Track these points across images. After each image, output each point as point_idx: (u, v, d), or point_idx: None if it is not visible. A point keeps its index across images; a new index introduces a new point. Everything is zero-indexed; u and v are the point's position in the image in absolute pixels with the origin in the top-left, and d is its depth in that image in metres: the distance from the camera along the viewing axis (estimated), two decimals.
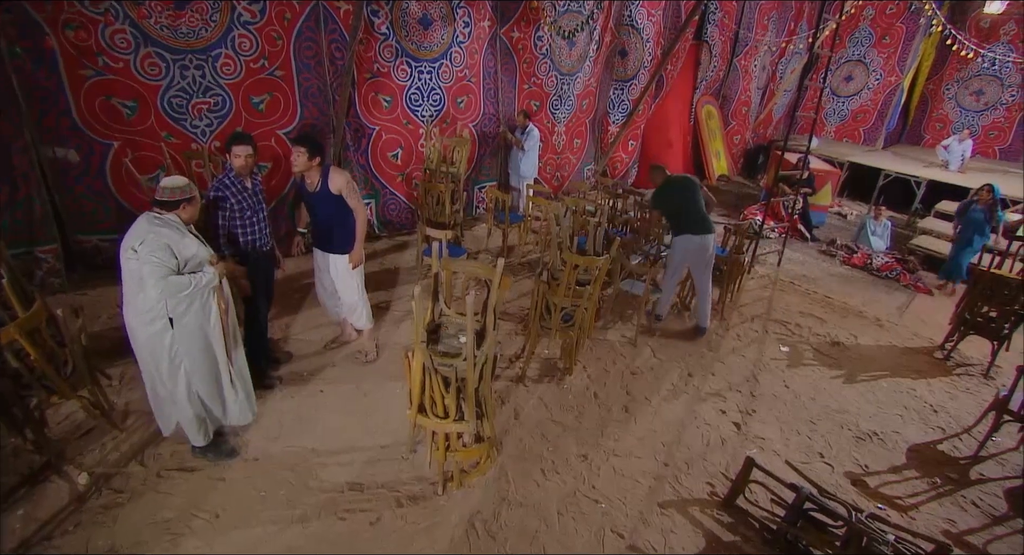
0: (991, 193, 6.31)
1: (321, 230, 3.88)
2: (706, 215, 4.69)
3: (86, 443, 3.25)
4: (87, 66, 4.23)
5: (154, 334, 2.74)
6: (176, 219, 2.72)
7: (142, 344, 2.79)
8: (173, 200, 2.69)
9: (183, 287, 2.70)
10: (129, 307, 2.73)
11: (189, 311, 2.80)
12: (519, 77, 7.13)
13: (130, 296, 2.70)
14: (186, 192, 2.72)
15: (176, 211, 2.72)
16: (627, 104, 8.64)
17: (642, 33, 8.13)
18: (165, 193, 2.68)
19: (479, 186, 7.31)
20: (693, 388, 4.34)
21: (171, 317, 2.74)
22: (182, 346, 2.83)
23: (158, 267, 2.59)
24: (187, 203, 2.74)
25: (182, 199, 2.72)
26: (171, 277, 2.65)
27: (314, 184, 3.69)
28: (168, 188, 2.69)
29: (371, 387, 3.90)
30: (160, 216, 2.69)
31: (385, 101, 5.87)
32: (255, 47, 4.84)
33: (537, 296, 3.96)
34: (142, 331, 2.74)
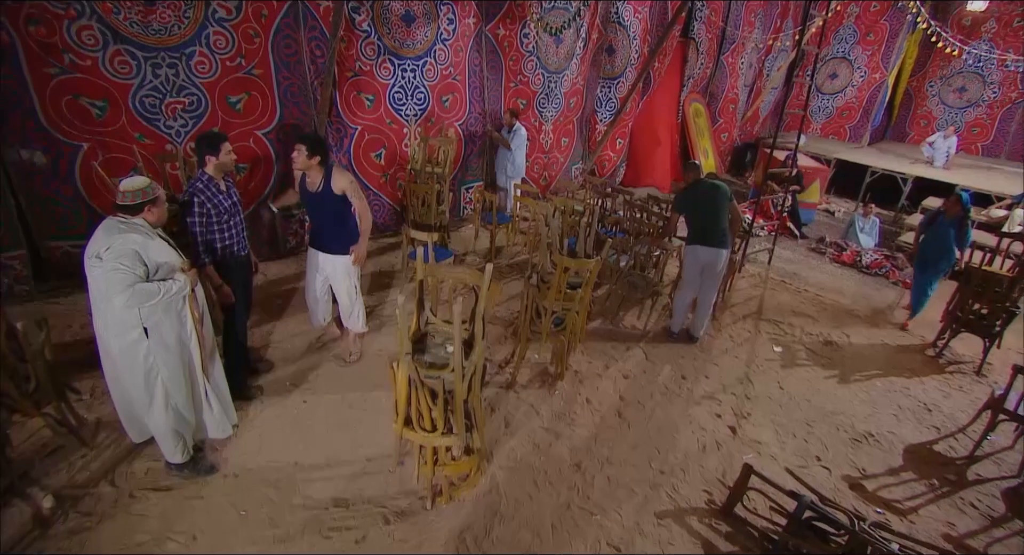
0: (959, 204, 5.05)
1: (320, 230, 3.76)
2: (724, 228, 4.48)
3: (53, 462, 3.07)
4: (52, 64, 4.03)
5: (128, 345, 2.59)
6: (143, 223, 2.56)
7: (115, 356, 2.63)
8: (135, 203, 2.53)
9: (152, 295, 2.54)
10: (99, 317, 2.58)
11: (165, 320, 2.65)
12: (505, 75, 7.00)
13: (98, 306, 2.54)
14: (148, 193, 2.55)
15: (141, 214, 2.55)
16: (615, 102, 8.56)
17: (629, 30, 8.05)
18: (127, 197, 2.52)
19: (466, 186, 7.17)
20: (687, 391, 4.25)
21: (145, 326, 2.59)
22: (159, 357, 2.68)
23: (124, 274, 2.43)
24: (151, 205, 2.57)
25: (145, 201, 2.55)
26: (139, 285, 2.49)
27: (316, 184, 3.58)
28: (129, 191, 2.52)
29: (356, 397, 3.76)
30: (125, 221, 2.53)
31: (368, 100, 5.72)
32: (231, 45, 4.66)
33: (527, 300, 3.84)
34: (115, 342, 2.59)
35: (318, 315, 4.13)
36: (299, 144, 3.48)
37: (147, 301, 2.54)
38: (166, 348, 2.68)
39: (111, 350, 2.61)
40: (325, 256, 3.81)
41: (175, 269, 2.63)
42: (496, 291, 2.39)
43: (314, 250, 3.86)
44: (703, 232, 4.47)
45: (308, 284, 4.02)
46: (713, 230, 4.46)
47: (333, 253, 3.79)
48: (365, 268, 5.57)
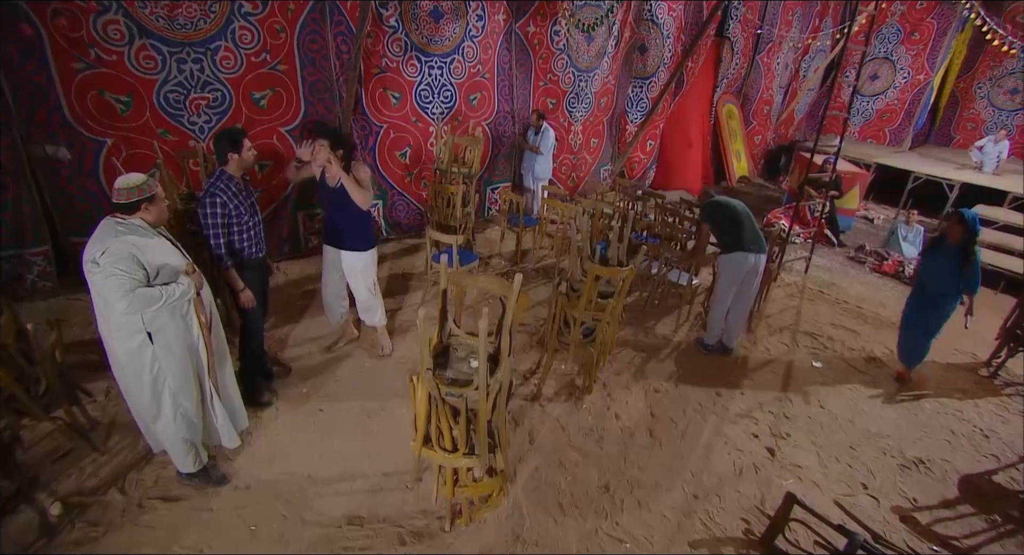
0: (961, 224, 3.90)
1: (337, 227, 3.64)
2: (761, 233, 4.30)
3: (63, 467, 2.97)
4: (78, 59, 3.96)
5: (133, 350, 2.45)
6: (141, 223, 2.41)
7: (122, 363, 2.50)
8: (130, 202, 2.36)
9: (153, 301, 2.39)
10: (102, 322, 2.45)
11: (170, 324, 2.50)
12: (535, 73, 6.79)
13: (101, 311, 2.41)
14: (144, 191, 2.38)
15: (138, 213, 2.39)
16: (646, 102, 8.29)
17: (662, 29, 7.77)
18: (121, 195, 2.35)
19: (492, 187, 6.98)
20: (721, 408, 3.99)
21: (149, 331, 2.45)
22: (164, 363, 2.54)
23: (122, 280, 2.28)
24: (148, 203, 2.41)
25: (141, 199, 2.38)
26: (139, 290, 2.35)
27: (335, 179, 3.46)
28: (124, 188, 2.35)
29: (375, 406, 3.60)
30: (123, 222, 2.37)
31: (394, 97, 5.57)
32: (256, 40, 4.55)
33: (555, 309, 3.64)
34: (120, 347, 2.46)
35: (335, 313, 4.01)
36: (321, 138, 3.35)
37: (148, 307, 2.40)
38: (172, 354, 2.54)
39: (118, 356, 2.48)
40: (342, 253, 3.70)
41: (179, 271, 2.49)
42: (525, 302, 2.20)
43: (330, 247, 3.74)
44: (750, 237, 4.20)
45: (325, 282, 3.91)
46: (757, 234, 4.24)
47: (351, 250, 3.67)
48: (388, 270, 5.44)
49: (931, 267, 4.20)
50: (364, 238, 3.68)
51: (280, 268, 5.42)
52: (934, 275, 4.16)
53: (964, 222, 3.90)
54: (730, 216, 4.25)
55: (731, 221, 4.22)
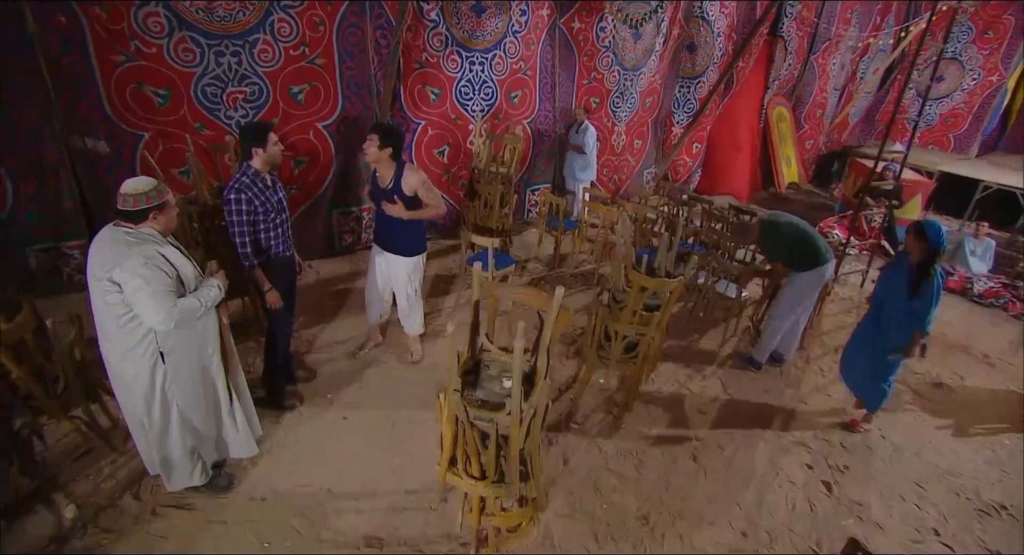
0: (922, 239, 3.12)
1: (386, 229, 3.48)
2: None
3: (82, 466, 2.87)
4: (119, 51, 3.89)
5: (142, 371, 2.27)
6: (151, 232, 2.19)
7: (126, 382, 2.32)
8: (137, 210, 2.12)
9: (195, 311, 2.25)
10: (106, 341, 2.26)
11: (185, 339, 2.33)
12: (578, 71, 6.51)
13: (110, 332, 2.21)
14: (153, 198, 2.15)
15: (146, 223, 2.16)
16: (693, 103, 7.90)
17: (713, 26, 7.37)
18: (128, 201, 2.11)
19: (532, 188, 6.74)
20: (772, 434, 3.65)
21: (162, 351, 2.27)
22: (176, 381, 2.36)
23: (159, 292, 2.09)
24: (157, 211, 2.17)
25: (150, 207, 2.14)
26: (180, 303, 2.17)
27: (386, 180, 3.31)
28: (131, 194, 2.11)
29: (401, 417, 3.40)
30: (131, 231, 2.14)
31: (433, 94, 5.38)
32: (295, 33, 4.42)
33: (595, 320, 3.37)
34: (128, 368, 2.27)
35: (375, 313, 3.85)
36: (371, 134, 3.20)
37: (192, 318, 2.25)
38: (185, 371, 2.37)
39: (125, 377, 2.30)
40: (388, 255, 3.54)
41: (193, 279, 2.31)
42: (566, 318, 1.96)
43: (377, 246, 3.59)
44: (820, 250, 3.83)
45: (368, 280, 3.76)
46: (824, 242, 3.89)
47: (396, 254, 3.52)
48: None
49: (885, 290, 3.41)
50: (412, 243, 3.52)
51: (312, 266, 5.30)
52: (887, 301, 3.39)
53: (925, 237, 3.09)
54: (799, 233, 3.84)
55: (801, 238, 3.81)
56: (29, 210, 4.00)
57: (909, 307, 3.22)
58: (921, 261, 3.15)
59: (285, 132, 4.73)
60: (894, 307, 3.33)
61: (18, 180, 3.92)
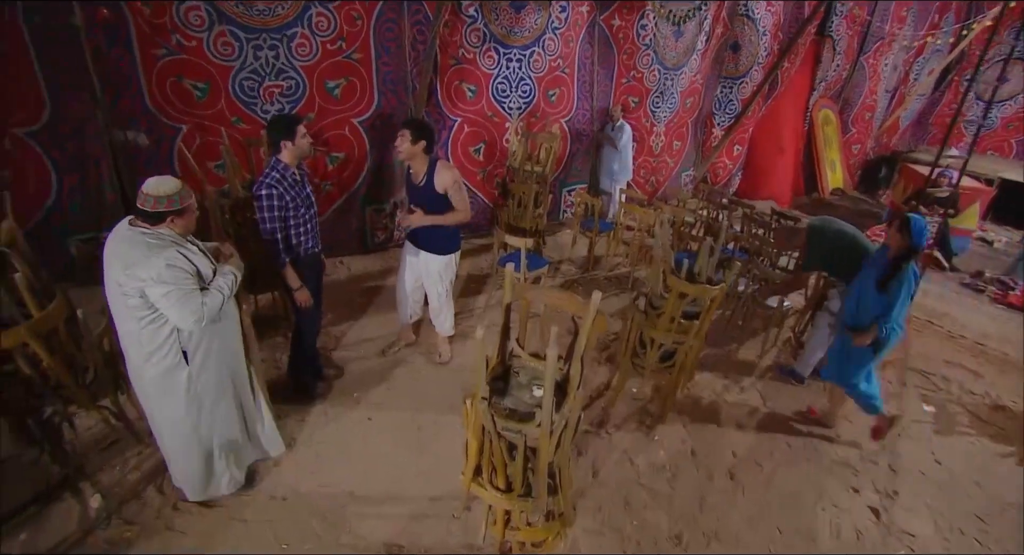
0: (904, 233, 2.94)
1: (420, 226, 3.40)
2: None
3: (108, 456, 2.87)
4: (160, 45, 3.91)
5: (164, 372, 2.22)
6: (169, 234, 2.10)
7: (147, 382, 2.26)
8: (156, 211, 2.03)
9: (220, 303, 2.20)
10: (130, 345, 2.20)
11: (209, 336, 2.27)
12: (617, 70, 6.33)
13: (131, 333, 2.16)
14: (175, 202, 2.05)
15: (163, 225, 2.07)
16: (735, 104, 7.62)
17: (758, 25, 7.08)
18: (148, 201, 2.01)
19: (567, 189, 6.59)
20: (814, 452, 3.43)
21: (185, 350, 2.22)
22: (200, 380, 2.31)
23: (191, 296, 2.07)
24: (176, 216, 2.07)
25: (169, 211, 2.05)
26: (205, 301, 2.13)
27: (419, 176, 3.23)
28: (152, 196, 2.01)
29: (428, 419, 3.30)
30: (148, 232, 2.05)
31: (470, 90, 5.29)
32: (333, 27, 4.38)
33: (631, 327, 3.21)
34: (150, 369, 2.22)
35: (406, 312, 3.78)
36: (403, 129, 3.11)
37: (219, 309, 2.21)
38: (211, 370, 2.32)
39: (143, 376, 2.25)
40: (421, 252, 3.46)
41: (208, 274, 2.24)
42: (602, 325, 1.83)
43: (410, 244, 3.52)
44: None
45: (400, 278, 3.68)
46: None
47: (431, 252, 3.44)
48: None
49: (860, 284, 3.19)
50: (445, 241, 3.45)
51: (344, 263, 5.28)
52: (860, 297, 3.16)
53: (908, 232, 2.91)
54: (847, 241, 3.54)
55: (850, 247, 3.51)
56: (72, 201, 4.06)
57: (877, 302, 3.05)
58: (896, 255, 2.98)
59: (320, 127, 4.71)
60: (867, 302, 3.14)
61: (63, 172, 3.97)
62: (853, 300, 3.21)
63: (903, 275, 2.95)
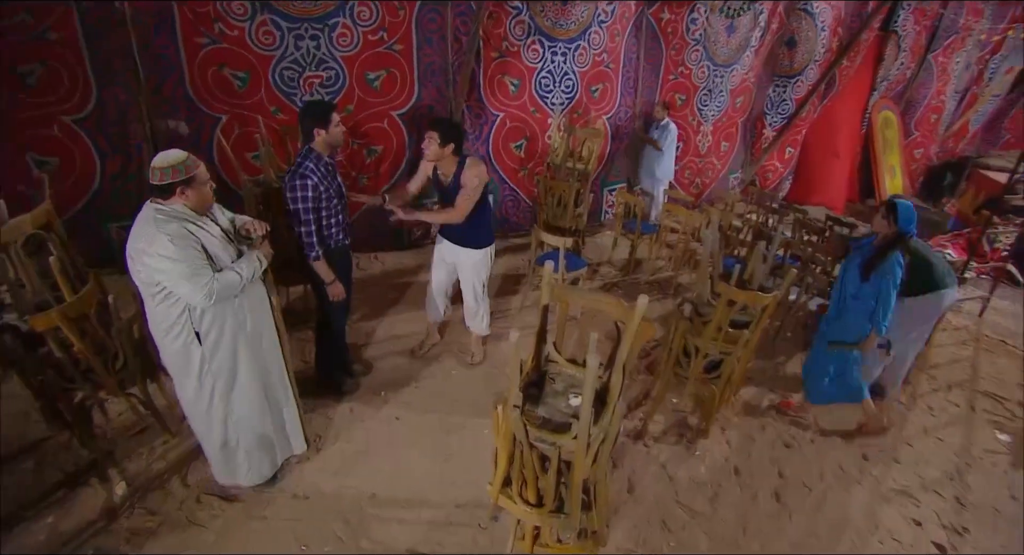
0: (891, 217, 2.86)
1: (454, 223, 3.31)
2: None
3: (136, 444, 2.88)
4: (204, 34, 3.94)
5: (179, 350, 2.21)
6: (183, 209, 2.07)
7: (168, 357, 2.27)
8: (163, 184, 2.00)
9: (234, 286, 2.16)
10: (150, 321, 2.21)
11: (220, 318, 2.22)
12: (664, 65, 6.13)
13: (149, 309, 2.17)
14: (180, 172, 2.01)
15: (175, 198, 2.05)
16: (789, 104, 7.30)
17: (816, 20, 6.73)
18: (155, 174, 2.00)
19: (609, 188, 6.42)
20: (871, 478, 3.19)
21: (197, 331, 2.19)
22: (214, 362, 2.28)
23: (198, 272, 2.03)
24: (185, 186, 2.04)
25: (175, 181, 2.01)
26: (218, 276, 2.10)
27: (448, 176, 3.13)
28: (158, 167, 2.00)
29: (456, 422, 3.21)
30: (162, 208, 2.04)
31: (512, 84, 5.19)
32: (375, 17, 4.34)
33: (674, 334, 3.05)
34: (168, 344, 2.22)
35: (437, 310, 3.69)
36: (431, 130, 2.99)
37: (232, 291, 2.17)
38: (224, 353, 2.28)
39: (164, 351, 2.25)
40: (454, 247, 3.37)
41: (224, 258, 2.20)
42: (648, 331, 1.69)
43: (443, 239, 3.43)
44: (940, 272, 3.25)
45: (433, 276, 3.59)
46: (947, 264, 3.35)
47: (463, 246, 3.35)
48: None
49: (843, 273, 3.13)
50: (480, 235, 3.34)
51: (378, 258, 5.25)
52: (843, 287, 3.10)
53: (894, 217, 2.84)
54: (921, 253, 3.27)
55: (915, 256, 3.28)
56: (114, 188, 4.13)
57: (859, 291, 2.98)
58: (882, 243, 2.90)
59: (359, 119, 4.68)
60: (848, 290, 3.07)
61: (106, 159, 4.06)
62: (836, 289, 3.16)
63: (887, 265, 2.84)
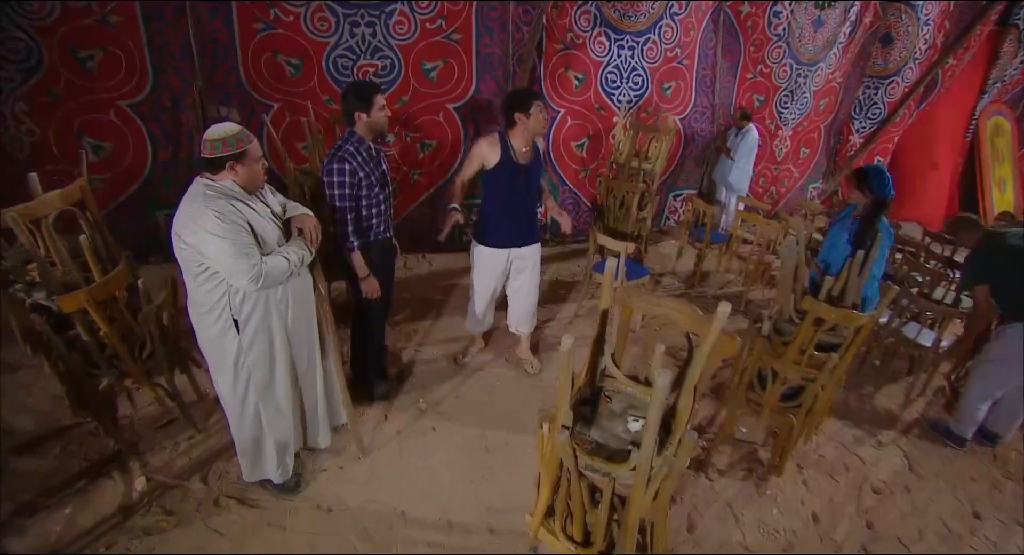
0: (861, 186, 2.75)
1: (525, 215, 3.14)
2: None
3: (161, 437, 2.81)
4: (259, 19, 3.94)
5: (218, 335, 2.10)
6: (233, 186, 1.99)
7: (206, 342, 2.17)
8: (214, 157, 1.92)
9: (282, 271, 2.05)
10: (190, 303, 2.12)
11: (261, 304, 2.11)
12: (743, 63, 5.77)
13: (191, 290, 2.09)
14: (231, 145, 1.93)
15: (223, 173, 1.96)
16: (880, 108, 6.73)
17: (919, 13, 6.16)
18: (206, 147, 1.94)
19: (675, 194, 6.09)
20: (984, 541, 2.73)
21: (236, 318, 2.08)
22: (252, 354, 2.16)
23: (245, 250, 1.92)
24: (236, 162, 1.94)
25: (226, 155, 1.92)
26: (267, 259, 1.99)
27: (526, 152, 2.94)
28: (209, 140, 1.94)
29: (497, 438, 2.99)
30: (212, 184, 1.96)
31: (576, 79, 4.97)
32: (434, 5, 4.23)
33: (748, 355, 2.73)
34: (204, 332, 2.13)
35: (484, 321, 3.46)
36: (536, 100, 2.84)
37: (281, 277, 2.06)
38: (263, 343, 2.17)
39: (202, 336, 2.15)
40: (523, 250, 3.18)
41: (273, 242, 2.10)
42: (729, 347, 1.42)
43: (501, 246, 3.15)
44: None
45: (484, 290, 3.29)
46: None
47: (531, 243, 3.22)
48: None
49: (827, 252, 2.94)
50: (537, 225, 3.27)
51: (426, 258, 5.13)
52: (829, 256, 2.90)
53: (867, 185, 2.73)
54: (1005, 273, 2.89)
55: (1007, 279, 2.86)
56: (164, 175, 4.18)
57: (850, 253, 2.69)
58: (865, 214, 2.76)
59: (413, 111, 4.59)
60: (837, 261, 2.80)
61: (158, 145, 4.11)
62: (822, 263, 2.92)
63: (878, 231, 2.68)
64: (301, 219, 2.26)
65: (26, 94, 3.67)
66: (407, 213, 4.99)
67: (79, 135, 3.85)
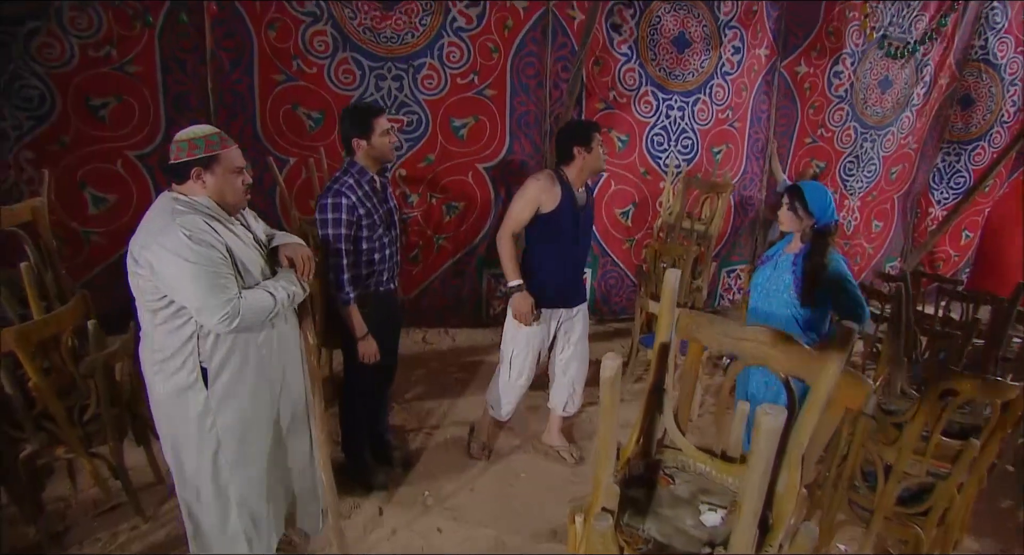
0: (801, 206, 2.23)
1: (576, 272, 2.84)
2: None
3: (100, 527, 2.37)
4: (280, 70, 3.95)
5: (175, 391, 1.73)
6: (207, 202, 1.70)
7: (159, 400, 1.79)
8: (179, 162, 1.66)
9: (267, 309, 1.72)
10: (143, 345, 1.78)
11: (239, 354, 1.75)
12: (800, 126, 5.52)
13: (147, 329, 1.75)
14: (198, 147, 1.67)
15: (189, 183, 1.69)
16: (965, 176, 6.31)
17: (1002, 72, 5.89)
18: (172, 150, 1.69)
19: (727, 269, 5.68)
20: None
21: (205, 368, 1.71)
22: (223, 414, 1.77)
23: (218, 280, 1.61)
24: (204, 170, 1.68)
25: (191, 160, 1.66)
26: (249, 294, 1.67)
27: (581, 192, 2.71)
28: (176, 141, 1.70)
29: (517, 543, 2.44)
30: (181, 198, 1.69)
31: (620, 141, 4.80)
32: (466, 59, 4.19)
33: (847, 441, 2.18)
34: (160, 384, 1.75)
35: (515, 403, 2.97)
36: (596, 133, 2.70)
37: (259, 319, 1.72)
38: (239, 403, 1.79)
39: (154, 391, 1.78)
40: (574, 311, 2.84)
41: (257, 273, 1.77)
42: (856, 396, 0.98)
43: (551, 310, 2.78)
44: None
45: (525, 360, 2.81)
46: None
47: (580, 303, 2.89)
48: None
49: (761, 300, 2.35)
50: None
51: (449, 333, 4.77)
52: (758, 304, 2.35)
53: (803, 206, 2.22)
54: None
55: None
56: None
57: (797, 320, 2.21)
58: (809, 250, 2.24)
59: (439, 171, 4.44)
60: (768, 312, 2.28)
61: None
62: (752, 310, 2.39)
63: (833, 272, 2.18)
64: (292, 248, 1.95)
65: (33, 142, 3.66)
66: (429, 282, 4.72)
67: (81, 186, 3.79)
